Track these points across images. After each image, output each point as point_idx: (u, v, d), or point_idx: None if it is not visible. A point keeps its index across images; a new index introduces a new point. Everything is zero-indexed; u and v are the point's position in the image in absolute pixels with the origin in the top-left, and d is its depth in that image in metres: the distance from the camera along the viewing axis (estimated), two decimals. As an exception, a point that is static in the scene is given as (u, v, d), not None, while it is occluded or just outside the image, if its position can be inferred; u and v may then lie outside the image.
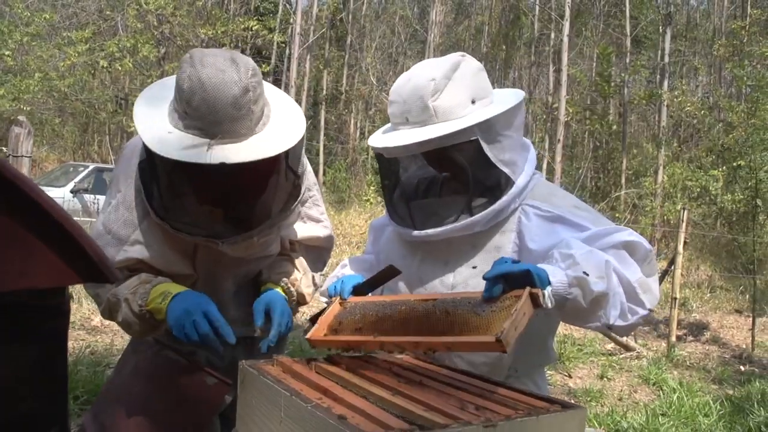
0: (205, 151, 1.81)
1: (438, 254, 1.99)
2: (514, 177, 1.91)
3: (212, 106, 1.80)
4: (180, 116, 1.88)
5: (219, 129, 1.83)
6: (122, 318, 2.04)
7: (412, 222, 1.99)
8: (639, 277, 1.74)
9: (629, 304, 1.72)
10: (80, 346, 5.86)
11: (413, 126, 1.90)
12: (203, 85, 1.80)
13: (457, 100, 1.89)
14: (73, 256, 0.85)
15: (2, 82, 19.04)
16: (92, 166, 15.00)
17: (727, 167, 16.48)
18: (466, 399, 1.44)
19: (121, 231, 2.07)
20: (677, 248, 8.52)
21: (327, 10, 26.24)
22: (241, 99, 1.83)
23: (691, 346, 8.92)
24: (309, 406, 1.33)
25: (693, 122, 23.00)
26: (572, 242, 1.74)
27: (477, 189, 1.91)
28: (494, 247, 1.93)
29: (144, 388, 2.15)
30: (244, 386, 1.70)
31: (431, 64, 1.96)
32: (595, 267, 1.64)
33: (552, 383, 6.54)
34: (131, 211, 2.08)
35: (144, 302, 1.98)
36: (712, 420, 5.47)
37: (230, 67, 1.85)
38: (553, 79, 23.80)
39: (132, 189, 2.09)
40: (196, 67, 1.83)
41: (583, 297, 1.63)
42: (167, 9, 19.22)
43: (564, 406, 1.43)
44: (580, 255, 1.66)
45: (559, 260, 1.68)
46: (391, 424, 1.24)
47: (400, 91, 1.94)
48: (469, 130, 1.84)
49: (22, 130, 4.81)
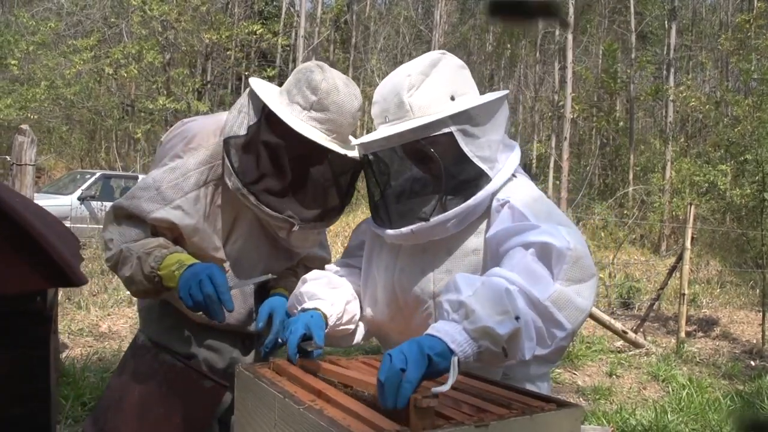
0: (327, 138, 2.07)
1: (415, 263, 1.90)
2: (491, 173, 1.82)
3: (341, 108, 2.08)
4: (304, 108, 2.07)
5: (337, 129, 2.09)
6: (130, 273, 2.05)
7: (389, 222, 1.93)
8: (552, 293, 1.50)
9: (546, 327, 1.50)
10: (88, 353, 5.88)
11: (391, 123, 1.88)
12: (338, 90, 2.08)
13: (433, 96, 1.85)
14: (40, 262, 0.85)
15: (9, 91, 19.17)
16: (99, 173, 15.05)
17: (734, 162, 16.43)
18: (461, 399, 1.43)
19: (169, 191, 2.12)
20: (684, 244, 8.48)
21: (331, 13, 26.28)
22: (357, 113, 2.15)
23: (700, 342, 8.87)
24: (301, 408, 1.33)
25: (700, 117, 22.92)
26: (459, 282, 1.48)
27: (452, 185, 1.82)
28: (471, 250, 1.84)
29: (143, 391, 2.17)
30: (240, 389, 1.70)
31: (411, 62, 1.94)
32: (493, 304, 1.42)
33: (560, 381, 6.52)
34: (185, 178, 2.14)
35: (157, 265, 2.01)
36: (722, 416, 5.43)
37: (352, 85, 2.16)
38: (559, 77, 23.77)
39: (194, 160, 2.17)
40: (328, 75, 2.09)
41: (495, 345, 1.39)
42: (171, 15, 19.31)
43: (560, 405, 1.42)
44: (471, 298, 1.42)
45: (450, 312, 1.44)
46: (383, 425, 1.23)
47: (380, 91, 1.94)
48: (442, 122, 1.79)
49: (25, 139, 4.83)
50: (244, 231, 2.25)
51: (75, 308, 7.50)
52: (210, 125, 2.23)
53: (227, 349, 2.32)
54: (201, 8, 20.58)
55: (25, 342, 0.96)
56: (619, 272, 13.07)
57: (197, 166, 2.16)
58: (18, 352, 0.95)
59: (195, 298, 1.91)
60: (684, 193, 17.89)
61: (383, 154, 1.96)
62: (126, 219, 2.13)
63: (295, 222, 2.13)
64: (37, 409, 0.98)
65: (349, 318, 2.00)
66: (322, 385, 1.51)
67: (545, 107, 27.10)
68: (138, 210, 2.10)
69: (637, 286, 11.47)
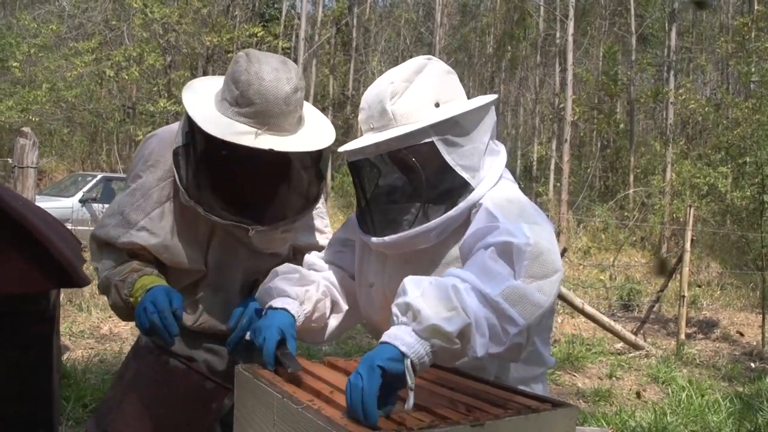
0: (253, 138, 1.95)
1: (401, 272, 1.80)
2: (473, 182, 1.79)
3: (266, 98, 1.96)
4: (231, 104, 2.00)
5: (268, 121, 1.98)
6: (112, 301, 2.09)
7: (373, 229, 1.90)
8: (504, 288, 1.47)
9: (501, 324, 1.46)
10: (89, 354, 5.90)
11: (375, 131, 1.84)
12: (261, 78, 1.95)
13: (417, 104, 1.81)
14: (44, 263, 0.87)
15: (11, 93, 19.20)
16: (100, 176, 15.08)
17: (734, 164, 16.43)
18: (457, 399, 1.45)
19: (131, 215, 2.12)
20: (684, 246, 8.50)
21: (332, 15, 26.31)
22: (292, 97, 2.00)
23: (701, 343, 8.89)
24: (299, 408, 1.35)
25: (700, 120, 22.93)
26: (406, 284, 1.47)
27: (434, 195, 1.80)
28: (454, 258, 1.81)
29: (144, 393, 2.17)
30: (240, 390, 1.72)
31: (396, 68, 1.91)
32: (440, 302, 1.41)
33: (560, 383, 6.54)
34: (146, 198, 2.14)
35: (129, 292, 2.03)
36: (721, 417, 5.45)
37: (283, 67, 2.02)
38: (560, 79, 23.78)
39: (153, 177, 2.15)
40: (253, 63, 1.98)
41: (447, 342, 1.39)
42: (172, 18, 19.35)
43: (555, 405, 1.43)
44: (417, 298, 1.41)
45: (399, 315, 1.44)
46: (379, 424, 1.25)
47: (366, 97, 1.90)
48: (422, 131, 1.75)
49: (27, 141, 4.85)
50: (221, 237, 2.23)
51: (76, 310, 7.52)
52: (167, 138, 2.20)
53: (226, 353, 2.33)
54: (202, 11, 20.64)
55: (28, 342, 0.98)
56: (619, 274, 13.09)
57: (157, 182, 2.16)
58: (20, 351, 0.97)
59: (143, 326, 1.95)
60: (684, 195, 17.89)
61: (366, 162, 1.92)
62: (103, 246, 2.15)
63: (249, 227, 2.08)
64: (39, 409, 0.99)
65: (318, 316, 1.99)
66: (321, 386, 1.52)
67: (546, 109, 27.11)
68: (107, 237, 2.12)
69: (638, 288, 11.48)
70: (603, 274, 12.99)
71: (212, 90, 2.13)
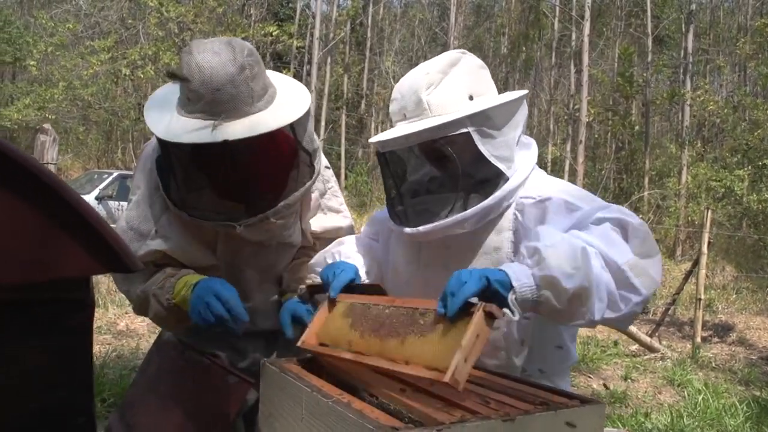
0: (210, 132, 1.86)
1: (438, 258, 1.94)
2: (508, 173, 1.84)
3: (210, 85, 1.86)
4: (183, 103, 1.94)
5: (220, 108, 1.88)
6: (153, 313, 2.08)
7: (406, 219, 1.94)
8: (629, 258, 1.55)
9: (620, 291, 1.54)
10: (106, 350, 5.94)
11: (409, 121, 1.87)
12: (200, 67, 1.86)
13: (452, 95, 1.85)
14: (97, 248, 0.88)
15: (28, 92, 19.37)
16: (116, 173, 15.19)
17: (752, 167, 16.30)
18: (486, 395, 1.45)
19: (142, 226, 2.12)
20: (701, 249, 8.44)
21: (347, 15, 26.34)
22: (238, 77, 1.88)
23: (716, 347, 8.82)
24: (329, 402, 1.35)
25: (717, 122, 22.77)
26: (542, 233, 1.59)
27: (469, 185, 1.85)
28: (492, 248, 1.87)
29: (168, 387, 2.19)
30: (266, 384, 1.72)
31: (431, 60, 1.94)
32: (567, 258, 1.48)
33: (575, 384, 6.51)
34: (151, 206, 2.13)
35: (171, 295, 2.02)
36: (738, 421, 5.41)
37: (225, 49, 1.91)
38: (575, 80, 23.67)
39: (151, 186, 2.14)
40: (193, 54, 1.90)
41: (557, 297, 1.47)
42: (188, 17, 19.41)
43: (583, 402, 1.43)
44: (549, 248, 1.49)
45: (525, 256, 1.53)
46: (412, 417, 1.25)
47: (399, 88, 1.93)
48: (459, 122, 1.80)
49: (47, 138, 4.90)
50: (224, 236, 2.19)
51: (93, 306, 7.57)
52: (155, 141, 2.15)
53: (249, 349, 2.33)
54: (217, 10, 20.69)
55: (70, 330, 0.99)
56: (634, 276, 12.98)
57: (156, 190, 2.12)
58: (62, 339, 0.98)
59: (208, 321, 1.92)
60: (700, 198, 17.79)
61: (400, 152, 1.96)
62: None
63: (234, 224, 2.03)
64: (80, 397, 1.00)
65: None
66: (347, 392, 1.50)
67: (560, 111, 27.00)
68: None
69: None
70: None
71: (173, 94, 2.05)
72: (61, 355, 0.97)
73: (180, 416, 2.12)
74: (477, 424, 1.24)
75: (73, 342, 0.98)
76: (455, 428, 1.21)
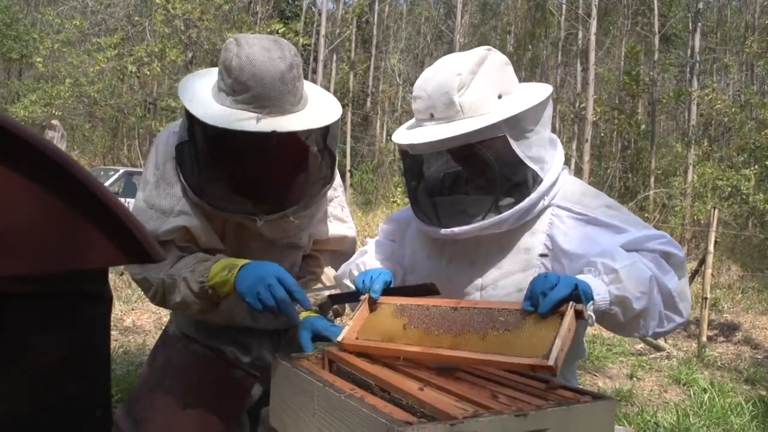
0: (255, 123, 1.90)
1: (465, 255, 1.95)
2: (542, 174, 1.86)
3: (261, 80, 1.89)
4: (228, 93, 1.95)
5: (267, 103, 1.92)
6: (181, 297, 1.98)
7: (438, 220, 1.94)
8: (676, 285, 1.75)
9: (666, 311, 1.74)
10: (113, 346, 5.95)
11: (438, 122, 1.85)
12: (252, 61, 1.89)
13: (483, 95, 1.83)
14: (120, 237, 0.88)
15: (34, 88, 19.42)
16: (122, 170, 15.19)
17: (759, 166, 16.26)
18: (498, 391, 1.45)
19: (164, 203, 2.07)
20: (707, 248, 8.43)
21: (353, 12, 26.34)
22: (287, 74, 1.92)
23: (722, 346, 8.80)
24: (342, 396, 1.36)
25: (723, 121, 22.72)
26: (616, 253, 1.72)
27: (504, 186, 1.85)
28: (523, 249, 1.90)
29: (174, 381, 2.19)
30: (277, 379, 1.73)
31: (457, 58, 1.91)
32: (638, 282, 1.66)
33: (581, 383, 6.50)
34: (172, 185, 2.08)
35: (205, 278, 1.94)
36: (744, 420, 5.40)
37: (275, 46, 1.95)
38: (581, 79, 23.64)
39: (171, 167, 2.09)
40: (243, 47, 1.92)
41: (624, 314, 1.66)
42: (194, 13, 19.40)
43: (594, 398, 1.43)
44: (624, 270, 1.65)
45: (602, 272, 1.67)
46: (426, 412, 1.26)
47: (425, 87, 1.89)
48: (496, 126, 1.79)
49: (55, 134, 4.92)
50: (234, 230, 2.17)
51: (99, 302, 7.59)
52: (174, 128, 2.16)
53: (254, 345, 2.31)
54: (224, 7, 20.68)
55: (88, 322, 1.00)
56: (639, 275, 12.97)
57: (175, 173, 2.09)
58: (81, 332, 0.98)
59: (266, 302, 1.83)
60: (706, 197, 17.75)
61: (432, 153, 1.97)
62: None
63: (256, 218, 2.04)
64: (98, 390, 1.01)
65: None
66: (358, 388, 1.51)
67: (566, 109, 26.96)
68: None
69: (658, 289, 11.37)
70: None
71: (208, 83, 2.08)
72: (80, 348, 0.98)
73: (186, 410, 2.12)
74: (490, 419, 1.24)
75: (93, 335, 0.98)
76: (468, 423, 1.22)
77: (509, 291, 1.87)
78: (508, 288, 1.87)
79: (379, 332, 1.74)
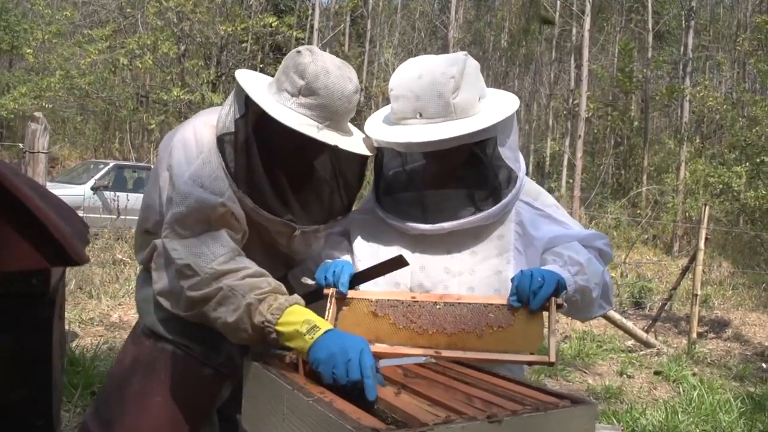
0: (316, 131, 1.92)
1: (439, 245, 2.02)
2: (518, 172, 2.03)
3: (332, 92, 1.92)
4: (292, 95, 1.94)
5: (330, 116, 1.95)
6: (233, 319, 1.80)
7: (421, 216, 2.00)
8: (610, 279, 2.10)
9: (601, 301, 2.06)
10: (98, 342, 5.88)
11: (429, 122, 1.93)
12: (328, 72, 1.92)
13: (470, 98, 1.96)
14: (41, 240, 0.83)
15: (24, 80, 19.26)
16: (113, 164, 15.04)
17: (750, 163, 16.30)
18: (473, 394, 1.41)
19: (214, 185, 1.94)
20: (698, 245, 8.42)
21: (347, 6, 26.24)
22: (353, 96, 1.99)
23: (712, 343, 8.80)
24: (310, 401, 1.31)
25: (716, 118, 22.77)
26: (577, 247, 2.00)
27: (488, 183, 1.99)
28: (497, 236, 2.02)
29: (143, 379, 2.14)
30: (249, 380, 1.68)
31: (438, 60, 1.99)
32: (596, 275, 1.97)
33: (571, 380, 6.49)
34: (219, 170, 1.97)
35: (275, 320, 1.74)
36: (732, 417, 5.38)
37: (346, 67, 2.00)
38: (575, 75, 23.62)
39: (215, 155, 1.98)
40: (318, 57, 1.95)
41: (583, 301, 1.94)
42: (187, 6, 19.30)
43: (574, 402, 1.39)
44: (587, 263, 1.95)
45: (568, 263, 1.92)
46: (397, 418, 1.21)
47: (410, 86, 1.95)
48: (492, 128, 1.92)
49: (38, 127, 4.84)
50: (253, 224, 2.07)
51: (86, 297, 7.52)
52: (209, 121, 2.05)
53: (224, 345, 2.21)
54: (216, 0, 20.60)
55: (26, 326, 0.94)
56: (630, 272, 13.01)
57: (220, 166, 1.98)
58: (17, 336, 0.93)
59: (338, 379, 1.53)
60: (698, 194, 17.78)
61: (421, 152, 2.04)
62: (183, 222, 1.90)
63: (296, 226, 2.01)
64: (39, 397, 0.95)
65: None
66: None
67: (560, 105, 26.96)
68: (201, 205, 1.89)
69: (649, 286, 11.39)
70: (614, 272, 12.89)
71: (263, 80, 2.09)
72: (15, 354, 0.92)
73: (155, 408, 2.08)
74: (463, 426, 1.20)
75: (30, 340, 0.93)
76: (439, 429, 1.17)
77: (488, 274, 1.97)
78: (486, 272, 1.97)
79: (362, 332, 1.69)
